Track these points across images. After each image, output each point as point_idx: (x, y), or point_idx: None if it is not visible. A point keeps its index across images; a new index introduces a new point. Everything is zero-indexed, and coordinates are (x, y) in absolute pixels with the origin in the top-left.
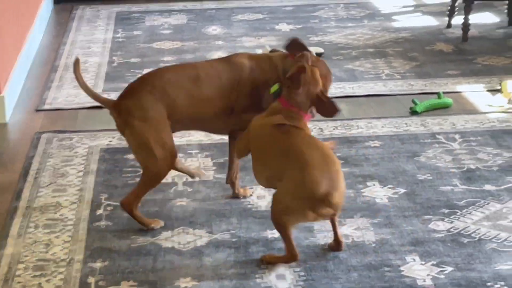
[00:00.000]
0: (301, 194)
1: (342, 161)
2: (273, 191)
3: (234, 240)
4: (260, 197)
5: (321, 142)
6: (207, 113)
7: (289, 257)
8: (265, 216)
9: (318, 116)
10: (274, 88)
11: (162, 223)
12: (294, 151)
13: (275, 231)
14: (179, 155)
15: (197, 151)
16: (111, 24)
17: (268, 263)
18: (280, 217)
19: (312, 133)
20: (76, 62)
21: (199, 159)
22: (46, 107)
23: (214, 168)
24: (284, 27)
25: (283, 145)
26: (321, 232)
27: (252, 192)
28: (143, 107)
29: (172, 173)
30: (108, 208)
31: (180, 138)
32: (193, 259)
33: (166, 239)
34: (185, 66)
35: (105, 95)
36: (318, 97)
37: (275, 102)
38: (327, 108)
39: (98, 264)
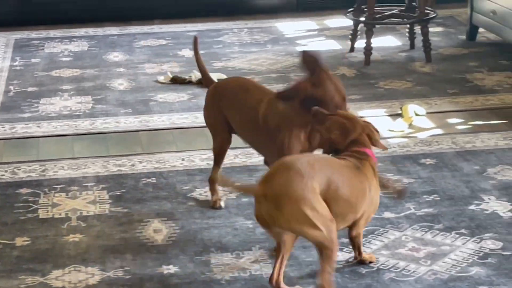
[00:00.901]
0: None
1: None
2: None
3: (128, 277)
4: (157, 230)
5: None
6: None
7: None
8: (161, 251)
9: None
10: None
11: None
12: None
13: (171, 266)
14: (75, 188)
15: (93, 183)
16: (8, 51)
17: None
18: None
19: None
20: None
21: (95, 192)
22: None
23: (110, 201)
24: (188, 52)
25: None
26: (217, 267)
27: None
28: (206, 99)
29: (66, 207)
30: None
31: (76, 170)
32: None
33: (57, 278)
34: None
35: None
36: None
37: None
38: None
39: None
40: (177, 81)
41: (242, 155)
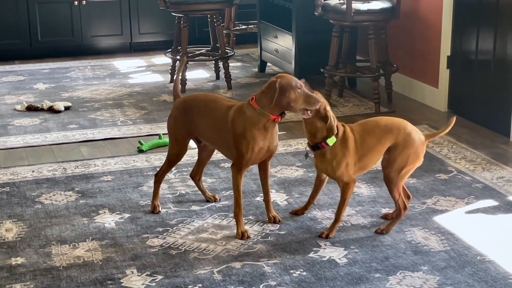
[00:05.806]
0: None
1: (80, 195)
2: None
3: None
4: (8, 230)
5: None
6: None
7: (401, 212)
8: (11, 246)
9: None
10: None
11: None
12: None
13: (18, 258)
14: None
15: None
16: None
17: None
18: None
19: None
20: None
21: None
22: None
23: None
24: (41, 86)
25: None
26: (57, 256)
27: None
28: (174, 111)
29: None
30: None
31: None
32: None
33: None
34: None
35: None
36: None
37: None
38: None
39: None
40: (31, 109)
41: (82, 166)
